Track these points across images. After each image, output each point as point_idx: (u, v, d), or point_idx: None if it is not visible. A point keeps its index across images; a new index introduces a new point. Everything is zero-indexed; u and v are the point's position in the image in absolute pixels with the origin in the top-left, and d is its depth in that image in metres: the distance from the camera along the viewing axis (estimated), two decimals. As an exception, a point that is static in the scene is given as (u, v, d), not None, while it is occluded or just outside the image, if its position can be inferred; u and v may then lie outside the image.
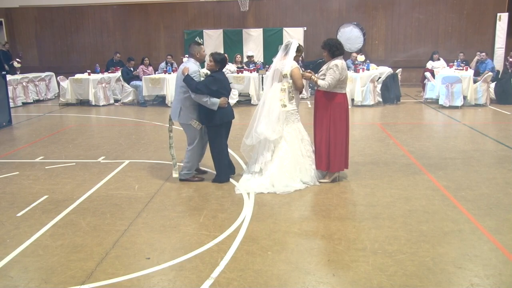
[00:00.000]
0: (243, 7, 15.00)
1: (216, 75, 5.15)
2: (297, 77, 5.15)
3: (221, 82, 5.14)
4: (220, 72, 5.24)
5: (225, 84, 5.23)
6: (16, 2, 15.96)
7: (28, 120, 10.19)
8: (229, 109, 5.34)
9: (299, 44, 5.32)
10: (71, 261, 3.53)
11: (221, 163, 5.35)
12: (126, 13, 15.76)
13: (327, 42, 5.12)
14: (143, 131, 8.73)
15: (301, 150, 5.22)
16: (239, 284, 3.16)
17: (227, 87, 5.27)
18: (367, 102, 11.05)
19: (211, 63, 5.16)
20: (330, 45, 5.08)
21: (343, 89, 5.13)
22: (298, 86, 5.20)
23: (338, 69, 4.96)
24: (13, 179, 5.69)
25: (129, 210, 4.57)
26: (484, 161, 6.12)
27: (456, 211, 4.38)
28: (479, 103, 10.76)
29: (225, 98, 5.17)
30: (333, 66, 4.99)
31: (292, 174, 5.12)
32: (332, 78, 4.95)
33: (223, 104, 5.13)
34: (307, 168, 5.22)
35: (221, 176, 5.37)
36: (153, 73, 12.38)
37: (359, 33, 14.59)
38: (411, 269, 3.31)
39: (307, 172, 5.20)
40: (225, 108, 5.18)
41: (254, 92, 11.45)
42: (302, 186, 5.10)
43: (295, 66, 5.15)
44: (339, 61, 5.03)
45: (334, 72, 4.96)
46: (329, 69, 5.01)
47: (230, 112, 5.34)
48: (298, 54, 5.22)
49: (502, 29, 14.15)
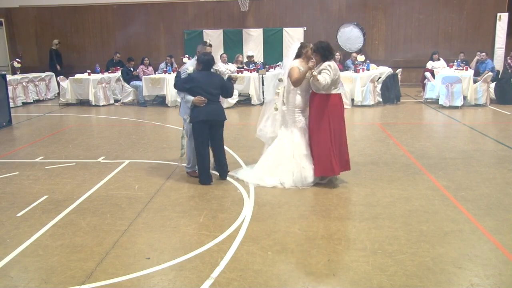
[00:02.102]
0: (243, 7, 15.00)
1: (194, 74, 5.28)
2: (291, 73, 5.04)
3: (196, 82, 5.17)
4: (201, 72, 5.26)
5: (201, 83, 5.16)
6: (16, 2, 15.96)
7: (28, 120, 10.19)
8: (207, 109, 5.17)
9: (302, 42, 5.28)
10: (71, 261, 3.53)
11: (200, 163, 5.30)
12: (126, 13, 15.76)
13: (320, 46, 5.03)
14: (143, 131, 8.73)
15: (293, 152, 5.14)
16: (239, 284, 3.16)
17: (205, 87, 5.15)
18: (367, 102, 11.05)
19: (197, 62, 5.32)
20: (324, 49, 5.01)
21: (337, 89, 5.11)
22: (292, 82, 5.06)
23: (332, 70, 4.94)
24: (13, 179, 5.69)
25: (129, 210, 4.57)
26: (484, 161, 6.12)
27: (456, 211, 4.38)
28: (479, 103, 10.76)
29: (199, 97, 5.13)
30: (327, 66, 4.95)
31: (271, 171, 5.21)
32: (328, 77, 4.90)
33: (197, 103, 5.14)
34: (290, 170, 5.12)
35: (200, 176, 5.34)
36: (153, 73, 12.39)
37: (359, 33, 14.59)
38: (411, 269, 3.31)
39: (288, 174, 5.12)
40: (201, 107, 5.15)
41: (254, 92, 11.45)
42: (277, 184, 5.13)
43: (294, 65, 5.10)
44: (330, 63, 5.00)
45: (329, 72, 4.91)
46: (322, 71, 4.94)
47: (208, 113, 5.17)
48: (304, 51, 5.12)
49: (502, 29, 14.15)
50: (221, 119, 5.31)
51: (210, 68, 5.32)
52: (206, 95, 5.16)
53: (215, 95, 5.24)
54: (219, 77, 5.42)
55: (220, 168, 5.48)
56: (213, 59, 5.34)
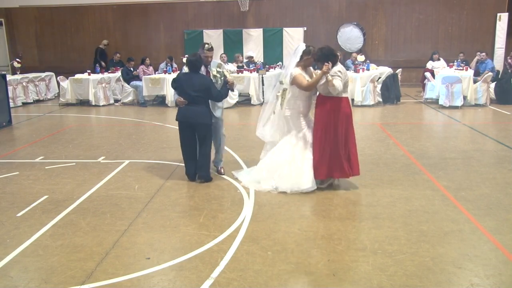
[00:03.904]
0: (243, 7, 15.01)
1: (181, 74, 5.37)
2: (298, 82, 4.95)
3: (178, 82, 5.25)
4: (187, 73, 5.27)
5: (183, 84, 5.17)
6: (16, 2, 15.96)
7: (28, 120, 10.19)
8: (184, 111, 5.19)
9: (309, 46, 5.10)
10: (71, 261, 3.53)
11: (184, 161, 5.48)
12: (126, 13, 15.77)
13: (322, 53, 4.91)
14: (143, 131, 8.73)
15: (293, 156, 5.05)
16: (239, 284, 3.16)
17: (186, 88, 5.14)
18: (367, 102, 11.04)
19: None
20: (326, 55, 4.88)
21: (345, 93, 5.07)
22: (304, 88, 4.97)
23: (342, 74, 4.88)
24: (13, 179, 5.69)
25: (129, 210, 4.57)
26: (484, 161, 6.12)
27: (456, 211, 4.38)
28: (479, 103, 10.75)
29: (179, 98, 5.22)
30: (337, 72, 4.86)
31: (270, 175, 5.12)
32: (341, 82, 4.83)
33: (178, 103, 5.26)
34: (288, 175, 5.02)
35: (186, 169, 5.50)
36: (153, 73, 12.39)
37: (359, 33, 14.59)
38: (411, 269, 3.31)
39: (285, 179, 5.01)
40: (181, 108, 5.23)
41: (254, 92, 11.45)
42: (272, 189, 5.03)
43: (297, 73, 4.99)
44: (339, 67, 4.94)
45: (340, 77, 4.85)
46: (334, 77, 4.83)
47: (183, 114, 5.20)
48: (307, 57, 5.02)
49: (502, 29, 14.15)
50: (198, 121, 5.19)
51: (196, 70, 5.21)
52: (185, 96, 5.19)
53: (194, 97, 5.14)
54: (204, 79, 5.21)
55: (197, 170, 5.40)
56: (198, 61, 5.20)
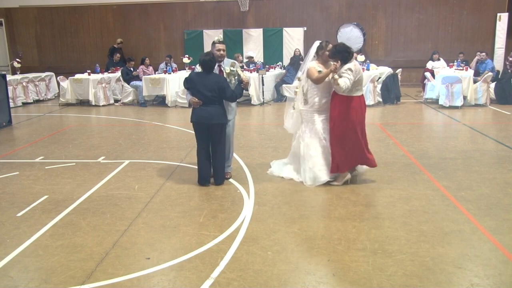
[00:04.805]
0: (243, 7, 15.01)
1: (193, 74, 5.28)
2: (310, 74, 5.09)
3: (191, 82, 5.17)
4: (200, 72, 5.19)
5: (196, 85, 5.10)
6: (16, 2, 15.97)
7: (28, 120, 10.19)
8: (199, 111, 5.13)
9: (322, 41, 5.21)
10: (71, 261, 3.53)
11: (198, 163, 5.31)
12: (126, 13, 15.77)
13: (336, 50, 4.95)
14: (143, 131, 8.73)
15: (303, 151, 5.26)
16: (239, 284, 3.16)
17: (199, 88, 5.07)
18: (367, 102, 10.80)
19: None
20: (341, 52, 4.93)
21: (358, 91, 5.07)
22: (313, 81, 5.08)
23: (352, 73, 4.88)
24: (13, 179, 5.69)
25: (129, 210, 4.57)
26: (484, 161, 6.12)
27: (456, 211, 4.38)
28: (479, 103, 10.75)
29: (193, 98, 5.11)
30: (347, 70, 4.88)
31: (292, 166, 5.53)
32: (349, 81, 4.86)
33: (192, 104, 5.16)
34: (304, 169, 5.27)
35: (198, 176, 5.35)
36: (153, 73, 12.39)
37: (359, 33, 14.60)
38: (411, 269, 3.31)
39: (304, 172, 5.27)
40: (196, 108, 5.15)
41: (254, 92, 11.44)
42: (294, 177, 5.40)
43: (311, 66, 5.12)
44: (351, 65, 4.93)
45: (349, 75, 4.87)
46: (342, 74, 4.88)
47: (199, 115, 5.13)
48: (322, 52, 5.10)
49: (502, 29, 14.15)
50: (214, 122, 5.13)
51: (210, 69, 5.13)
52: (199, 97, 5.10)
53: (208, 97, 5.07)
54: (218, 79, 5.15)
55: (214, 172, 5.31)
56: (211, 60, 5.11)
